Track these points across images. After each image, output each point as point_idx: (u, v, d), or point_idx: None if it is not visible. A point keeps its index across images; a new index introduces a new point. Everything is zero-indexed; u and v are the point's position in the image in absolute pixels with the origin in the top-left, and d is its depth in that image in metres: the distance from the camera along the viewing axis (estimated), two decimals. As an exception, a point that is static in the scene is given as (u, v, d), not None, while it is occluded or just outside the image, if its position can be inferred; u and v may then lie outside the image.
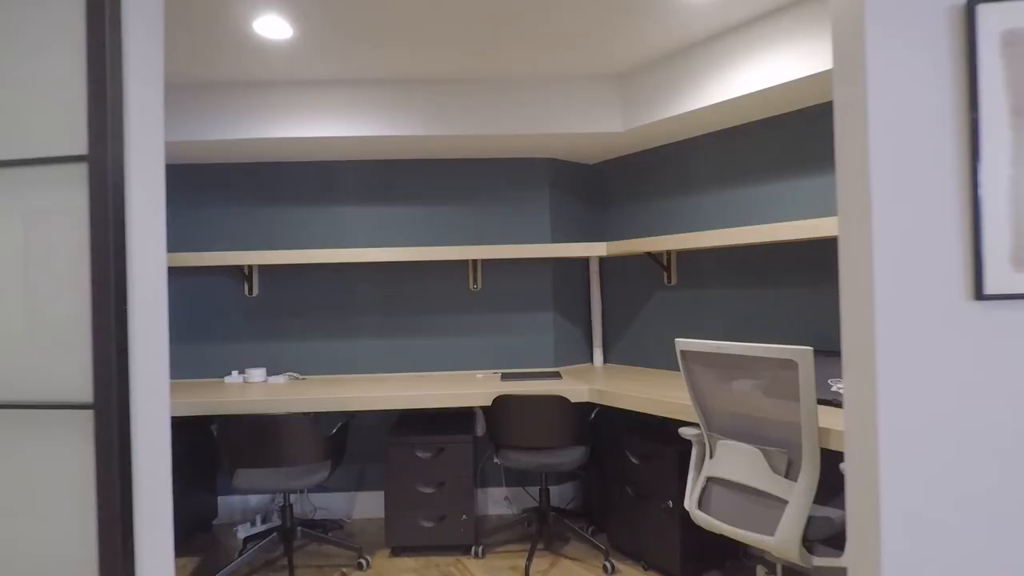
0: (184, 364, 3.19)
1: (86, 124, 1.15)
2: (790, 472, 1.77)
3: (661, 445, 2.43)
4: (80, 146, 1.16)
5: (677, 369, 3.03)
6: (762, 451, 1.80)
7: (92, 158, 1.13)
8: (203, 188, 3.22)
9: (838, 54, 1.11)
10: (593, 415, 2.62)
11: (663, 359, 3.10)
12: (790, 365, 1.69)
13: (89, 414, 1.14)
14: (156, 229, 1.24)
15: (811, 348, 1.64)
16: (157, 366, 1.23)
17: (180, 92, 2.76)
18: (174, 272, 3.21)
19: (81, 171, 1.15)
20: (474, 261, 3.26)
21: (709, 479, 2.00)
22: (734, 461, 1.88)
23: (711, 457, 1.99)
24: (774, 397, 1.77)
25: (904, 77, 1.02)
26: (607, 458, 2.71)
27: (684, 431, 2.17)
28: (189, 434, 2.91)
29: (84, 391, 1.15)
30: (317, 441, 2.43)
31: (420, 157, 3.25)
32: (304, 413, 2.41)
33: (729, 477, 1.89)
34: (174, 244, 3.21)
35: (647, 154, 3.17)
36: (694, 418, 2.17)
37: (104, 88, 1.13)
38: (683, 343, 1.99)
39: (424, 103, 2.79)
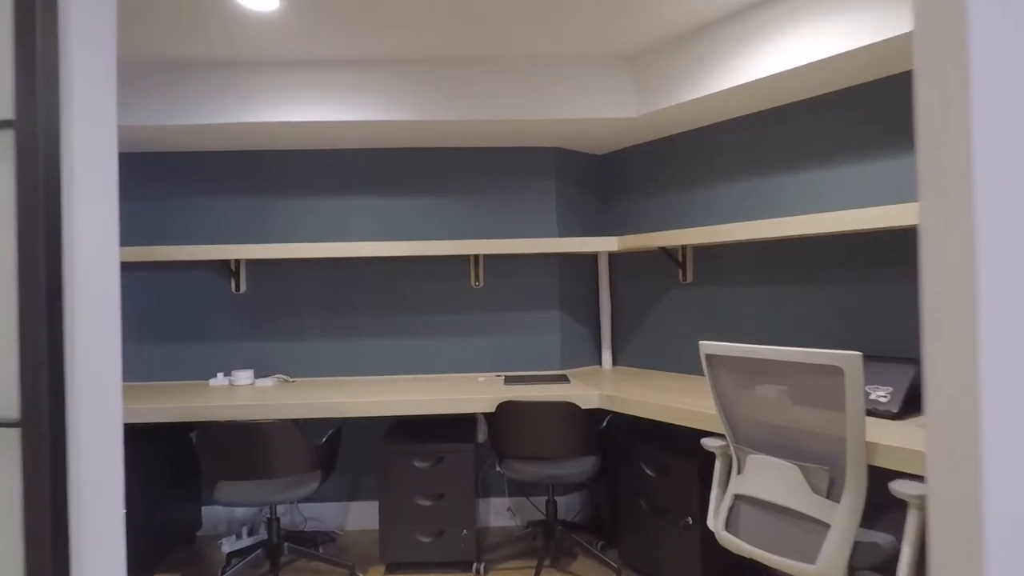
0: (166, 365, 2.99)
1: (13, 87, 0.95)
2: (832, 492, 1.58)
3: (679, 456, 2.24)
4: (7, 111, 0.96)
5: (692, 372, 2.84)
6: (800, 468, 1.61)
7: (19, 124, 0.93)
8: (186, 177, 3.02)
9: (923, 13, 0.91)
10: (605, 423, 2.43)
11: (677, 361, 2.91)
12: (834, 372, 1.50)
13: (16, 432, 0.94)
14: (104, 212, 1.04)
15: (859, 353, 1.45)
16: (106, 373, 1.03)
17: (159, 72, 2.56)
18: (156, 267, 3.01)
19: (7, 140, 0.96)
20: (476, 256, 3.06)
21: (737, 497, 1.80)
22: (767, 478, 1.69)
23: (739, 472, 1.80)
24: (814, 407, 1.58)
25: (1012, 28, 0.83)
26: (619, 468, 2.51)
27: (707, 442, 1.98)
28: (171, 439, 2.71)
29: (13, 405, 0.95)
30: (306, 450, 2.24)
31: (418, 145, 3.05)
32: (293, 420, 2.22)
33: (761, 496, 1.70)
34: (156, 237, 3.01)
35: (662, 143, 2.97)
36: (718, 428, 1.98)
37: (33, 43, 0.93)
38: (709, 346, 1.80)
39: (422, 85, 2.60)
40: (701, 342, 1.84)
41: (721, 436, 1.98)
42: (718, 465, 1.96)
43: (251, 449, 2.17)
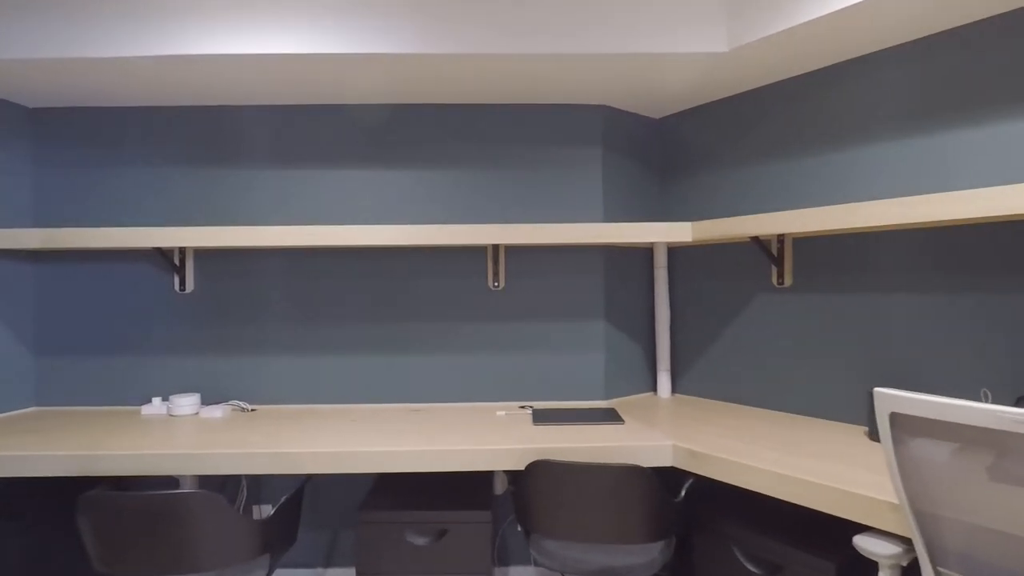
0: (88, 387, 2.29)
1: None
2: None
3: (803, 551, 1.48)
4: None
5: (777, 408, 2.08)
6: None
7: None
8: (113, 139, 2.31)
9: None
10: (684, 491, 1.68)
11: (760, 393, 2.15)
12: None
13: None
14: None
15: None
16: None
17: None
18: (76, 257, 2.30)
19: None
20: (495, 248, 2.32)
21: (951, 662, 1.05)
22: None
23: (955, 620, 1.05)
24: None
25: None
26: (698, 549, 1.76)
27: (865, 544, 1.24)
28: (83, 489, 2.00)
29: None
30: (244, 531, 1.52)
31: (420, 100, 2.32)
32: (237, 475, 1.50)
33: None
34: (75, 217, 2.30)
35: (753, 96, 2.20)
36: (882, 520, 1.23)
37: None
38: (898, 400, 1.05)
39: (422, 5, 1.86)
40: (878, 390, 1.09)
41: (896, 538, 1.23)
42: (886, 583, 1.21)
43: (159, 532, 1.45)
